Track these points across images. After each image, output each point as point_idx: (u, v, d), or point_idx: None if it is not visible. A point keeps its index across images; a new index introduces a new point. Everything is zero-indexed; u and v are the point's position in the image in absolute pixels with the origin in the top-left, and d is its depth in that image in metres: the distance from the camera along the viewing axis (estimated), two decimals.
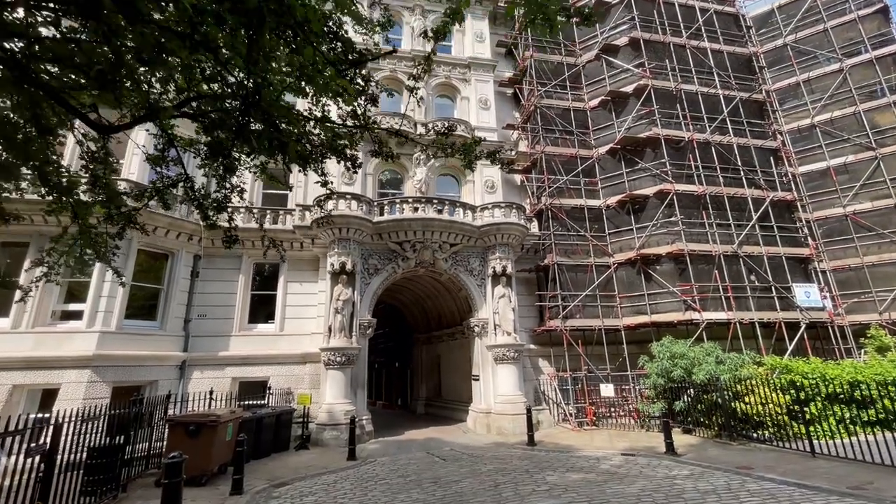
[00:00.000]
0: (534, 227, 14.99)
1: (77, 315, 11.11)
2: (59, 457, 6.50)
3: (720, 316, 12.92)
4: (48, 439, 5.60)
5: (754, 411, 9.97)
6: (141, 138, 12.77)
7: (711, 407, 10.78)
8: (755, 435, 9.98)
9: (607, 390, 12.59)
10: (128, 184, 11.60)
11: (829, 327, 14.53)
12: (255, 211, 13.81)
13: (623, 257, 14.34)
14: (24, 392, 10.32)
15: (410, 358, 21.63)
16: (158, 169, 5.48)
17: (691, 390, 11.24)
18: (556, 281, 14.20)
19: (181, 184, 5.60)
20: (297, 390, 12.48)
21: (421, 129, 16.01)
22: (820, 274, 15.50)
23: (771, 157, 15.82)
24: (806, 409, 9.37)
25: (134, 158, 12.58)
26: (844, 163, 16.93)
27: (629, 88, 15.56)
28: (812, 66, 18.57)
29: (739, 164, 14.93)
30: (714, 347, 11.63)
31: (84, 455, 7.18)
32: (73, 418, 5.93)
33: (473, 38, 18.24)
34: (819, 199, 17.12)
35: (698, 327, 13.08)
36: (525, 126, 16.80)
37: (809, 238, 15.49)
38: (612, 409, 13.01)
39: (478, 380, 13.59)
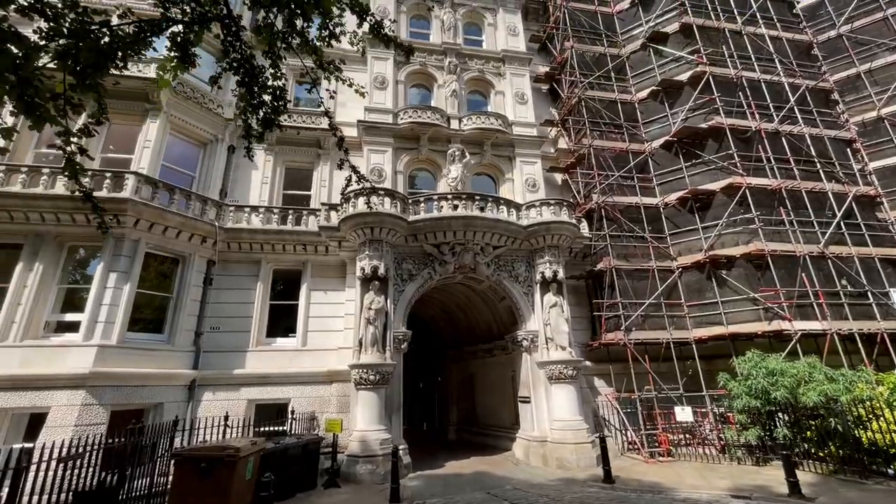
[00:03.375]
0: (583, 229, 13.41)
1: (74, 327, 9.62)
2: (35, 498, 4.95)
3: (814, 326, 11.10)
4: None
5: (888, 440, 8.10)
6: (152, 131, 11.59)
7: (825, 435, 8.91)
8: (890, 471, 8.08)
9: (684, 414, 10.72)
10: (136, 177, 10.32)
11: None
12: (275, 210, 12.42)
13: (688, 260, 12.65)
14: (7, 417, 8.75)
15: (438, 377, 19.82)
16: None
17: (786, 415, 9.43)
18: (614, 288, 12.52)
19: (215, 24, 3.73)
20: (322, 414, 10.78)
21: (455, 124, 14.74)
22: None
23: (847, 149, 14.23)
24: None
25: (145, 151, 11.32)
26: None
27: (683, 77, 14.20)
28: (872, 57, 17.13)
29: (814, 155, 13.35)
30: (817, 362, 9.82)
31: (70, 497, 5.62)
32: (46, 458, 4.33)
33: (507, 31, 17.13)
34: (894, 198, 15.39)
35: (785, 339, 11.30)
36: (566, 120, 15.43)
37: None
38: (689, 437, 11.10)
39: (528, 402, 11.78)
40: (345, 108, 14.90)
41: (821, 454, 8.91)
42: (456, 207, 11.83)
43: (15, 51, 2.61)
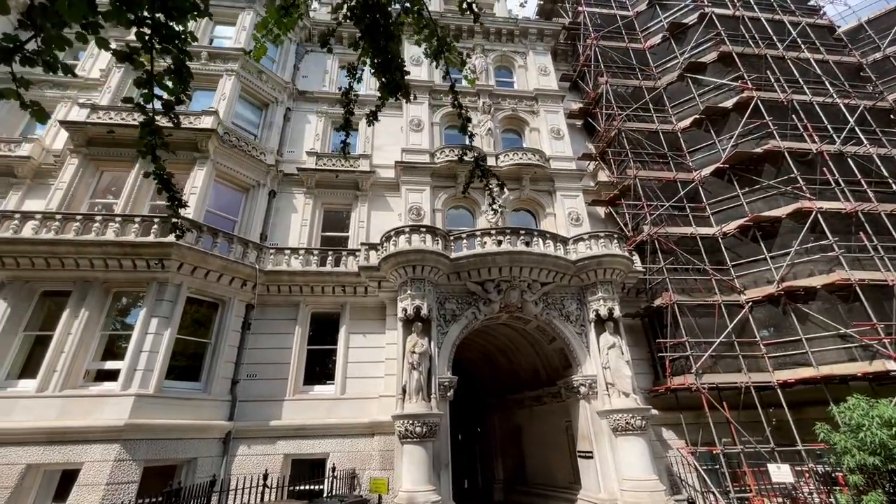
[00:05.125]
0: (635, 263, 12.55)
1: (113, 375, 9.31)
2: None
3: None
4: None
5: None
6: (199, 178, 11.87)
7: None
8: None
9: (780, 473, 9.15)
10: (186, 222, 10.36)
11: None
12: (315, 252, 12.22)
13: (759, 293, 11.48)
14: (39, 474, 8.30)
15: (478, 427, 18.42)
16: None
17: None
18: (676, 326, 11.41)
19: None
20: (364, 471, 9.82)
21: (492, 161, 14.58)
22: None
23: None
24: None
25: (191, 198, 11.52)
26: None
27: (728, 103, 13.73)
28: None
29: (887, 175, 12.30)
30: None
31: None
32: None
33: (538, 72, 17.38)
34: None
35: (885, 382, 9.78)
36: (605, 152, 15.06)
37: None
38: (787, 501, 9.43)
39: (590, 457, 10.46)
40: (381, 151, 15.12)
41: None
42: (500, 243, 11.31)
43: None
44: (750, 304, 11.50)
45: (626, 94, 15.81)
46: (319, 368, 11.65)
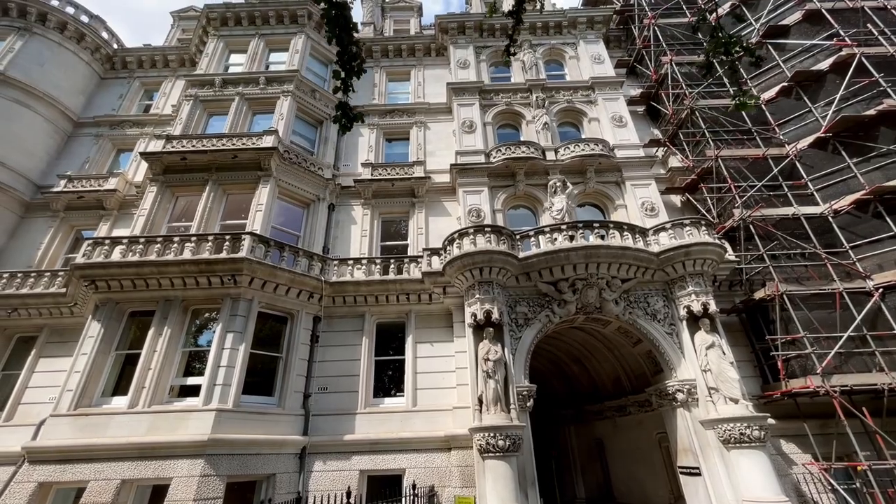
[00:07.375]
0: (727, 252, 11.14)
1: (194, 391, 9.49)
2: None
3: None
4: None
5: None
6: (263, 195, 12.15)
7: None
8: None
9: None
10: (251, 237, 10.57)
11: None
12: (377, 261, 12.02)
13: (891, 277, 9.68)
14: (132, 489, 8.48)
15: (552, 441, 17.21)
16: None
17: None
18: (788, 321, 9.87)
19: None
20: (443, 489, 9.20)
21: (551, 155, 13.81)
22: None
23: None
24: None
25: (257, 215, 11.80)
26: None
27: (824, 65, 12.06)
28: None
29: None
30: None
31: None
32: None
33: (591, 60, 16.48)
34: None
35: None
36: (675, 135, 13.77)
37: None
38: None
39: (697, 474, 9.14)
40: (434, 157, 14.89)
41: None
42: (572, 238, 10.46)
43: None
44: (881, 290, 9.72)
45: (694, 71, 14.48)
46: (388, 380, 11.29)
